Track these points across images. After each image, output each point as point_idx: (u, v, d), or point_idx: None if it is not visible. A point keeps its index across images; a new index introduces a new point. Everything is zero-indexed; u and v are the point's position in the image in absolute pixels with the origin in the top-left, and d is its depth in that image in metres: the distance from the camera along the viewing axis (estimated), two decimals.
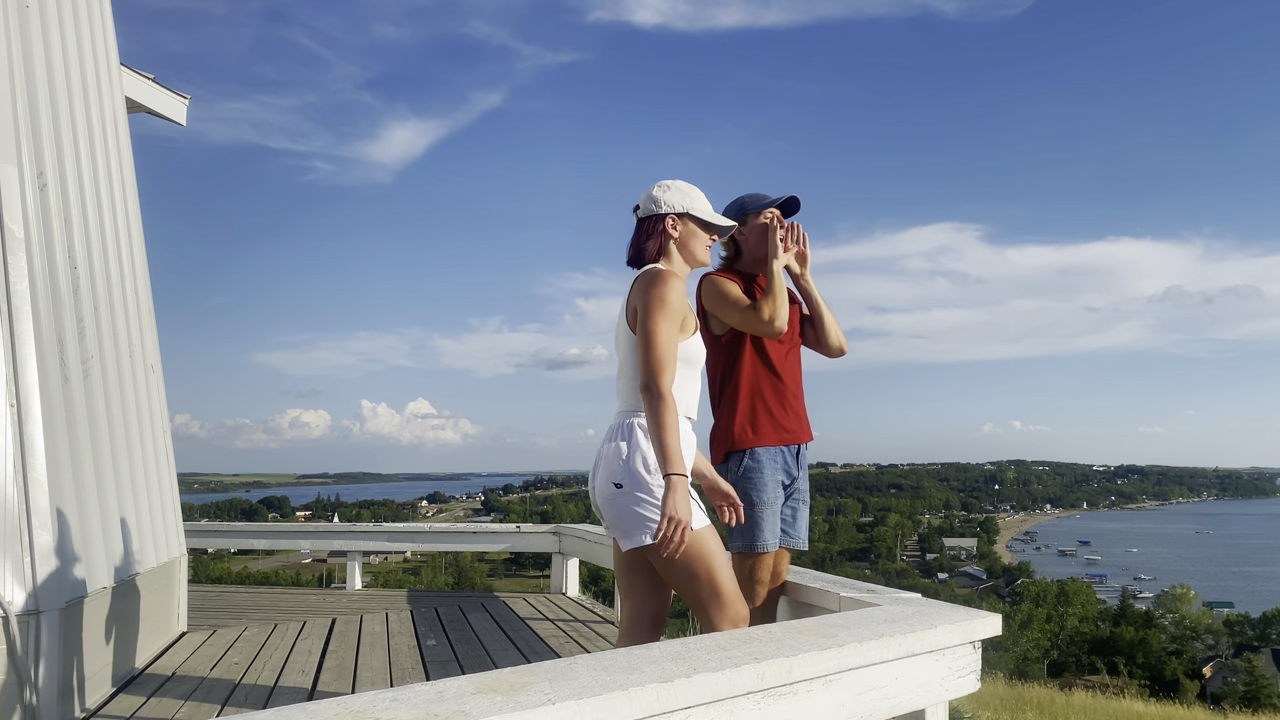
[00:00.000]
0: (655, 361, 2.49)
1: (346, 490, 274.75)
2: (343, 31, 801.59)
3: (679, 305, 2.56)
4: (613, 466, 2.57)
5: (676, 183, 2.75)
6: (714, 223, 2.75)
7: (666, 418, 2.45)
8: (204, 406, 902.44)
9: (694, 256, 2.75)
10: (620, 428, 2.61)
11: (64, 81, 4.44)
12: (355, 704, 1.47)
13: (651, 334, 2.51)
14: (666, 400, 2.46)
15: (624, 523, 2.55)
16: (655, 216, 2.73)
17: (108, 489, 4.34)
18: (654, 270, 2.63)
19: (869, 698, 2.11)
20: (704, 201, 2.76)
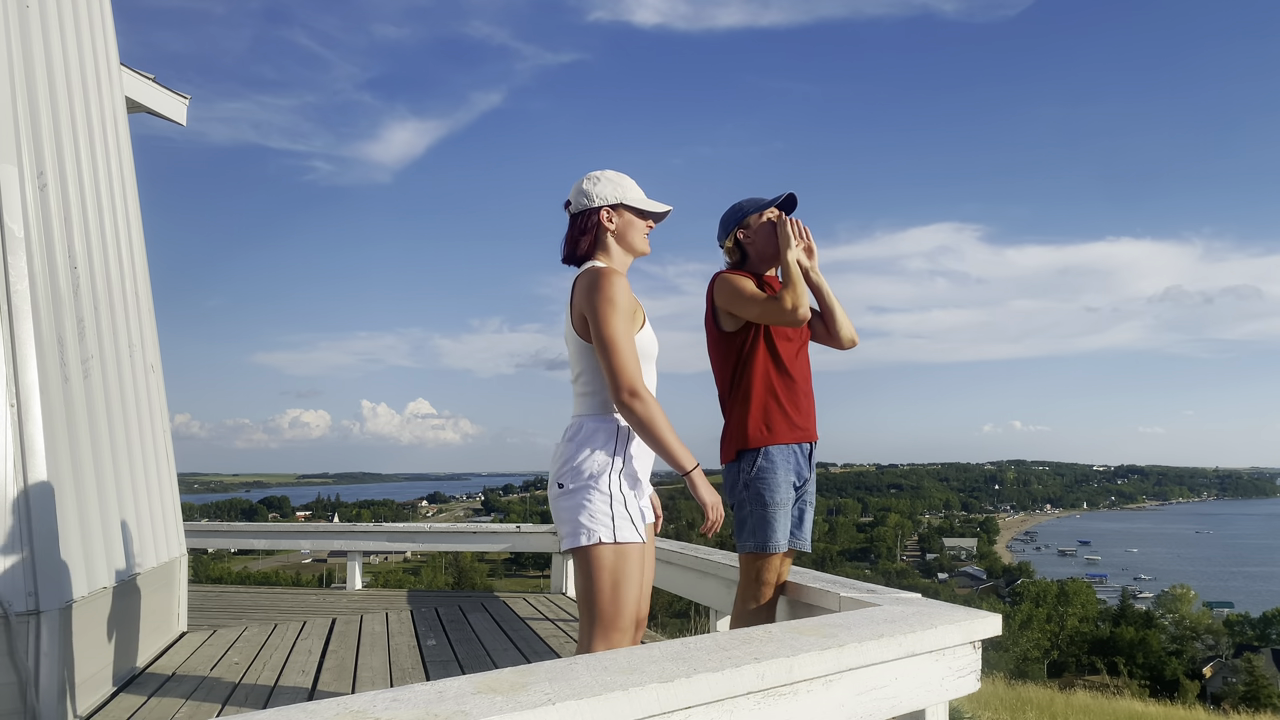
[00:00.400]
0: (626, 368, 2.43)
1: (346, 490, 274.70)
2: (343, 31, 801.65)
3: (627, 302, 2.50)
4: (559, 467, 2.55)
5: (606, 173, 2.67)
6: (649, 209, 2.67)
7: (660, 418, 2.43)
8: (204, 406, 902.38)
9: (633, 246, 2.67)
10: (570, 428, 2.58)
11: (64, 81, 4.43)
12: (355, 704, 1.47)
13: (611, 340, 2.44)
14: (651, 402, 2.44)
15: (561, 524, 2.53)
16: (588, 211, 2.64)
17: (108, 489, 4.33)
18: (594, 270, 2.55)
19: (869, 698, 2.11)
20: (636, 189, 2.67)
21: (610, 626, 2.48)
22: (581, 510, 2.48)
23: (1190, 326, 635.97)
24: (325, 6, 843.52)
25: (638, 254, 2.70)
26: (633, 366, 2.44)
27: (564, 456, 2.54)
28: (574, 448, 2.53)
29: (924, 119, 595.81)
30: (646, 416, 2.42)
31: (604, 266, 2.56)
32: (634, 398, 2.42)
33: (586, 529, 2.46)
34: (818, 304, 3.20)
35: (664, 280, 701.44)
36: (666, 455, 2.47)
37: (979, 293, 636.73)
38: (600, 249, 2.65)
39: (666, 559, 4.96)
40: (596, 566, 2.47)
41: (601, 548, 2.46)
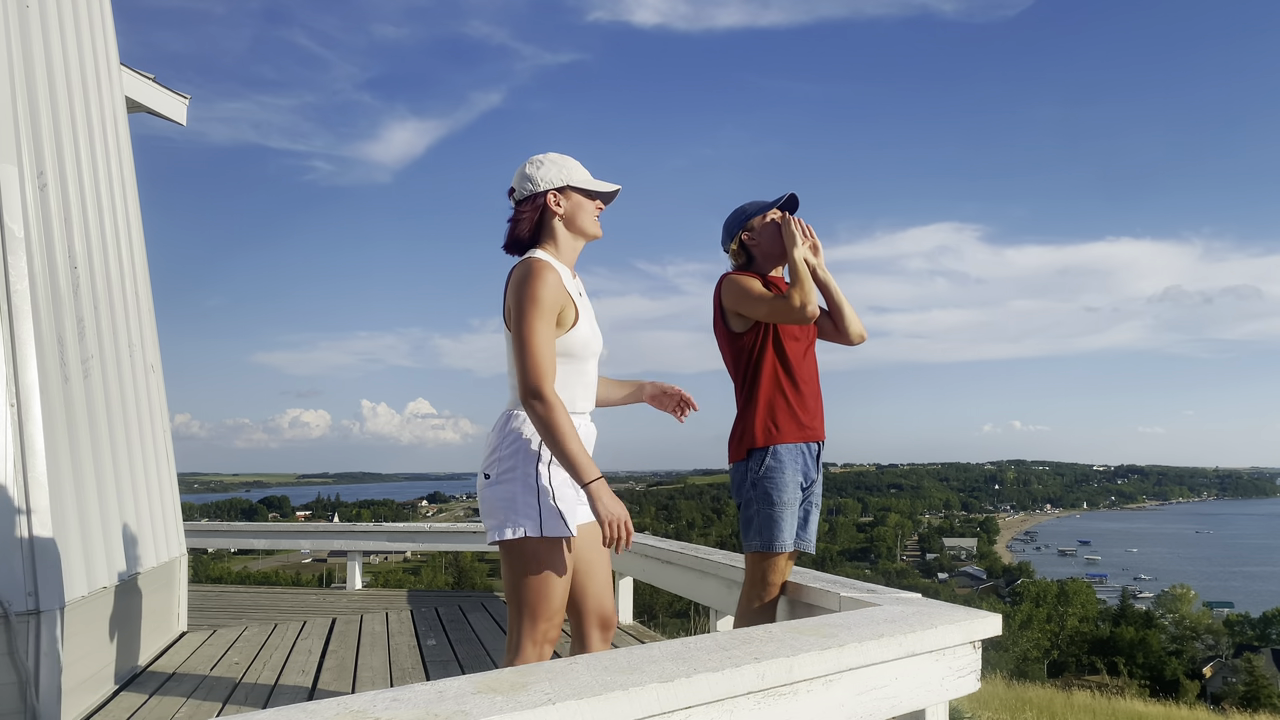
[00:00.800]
0: (534, 368, 2.32)
1: (346, 490, 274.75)
2: (342, 32, 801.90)
3: (552, 300, 2.37)
4: (485, 457, 2.48)
5: (549, 155, 2.54)
6: (598, 189, 2.54)
7: (561, 424, 2.30)
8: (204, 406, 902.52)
9: (583, 230, 2.55)
10: (500, 419, 2.50)
11: (64, 81, 4.43)
12: (355, 704, 1.47)
13: (527, 338, 2.34)
14: (555, 406, 2.31)
15: (487, 515, 2.45)
16: (533, 195, 2.51)
17: (108, 489, 4.34)
18: (527, 263, 2.42)
19: (869, 698, 2.11)
20: (582, 170, 2.54)
21: (537, 622, 2.42)
22: (507, 502, 2.40)
23: (1190, 326, 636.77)
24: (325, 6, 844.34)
25: (588, 237, 2.58)
26: (541, 367, 2.33)
27: (491, 447, 2.47)
28: (501, 438, 2.45)
29: (924, 119, 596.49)
30: (547, 419, 2.30)
31: (539, 259, 2.43)
32: (536, 399, 2.31)
33: (512, 521, 2.39)
34: (825, 301, 3.20)
35: (664, 280, 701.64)
36: (565, 463, 2.32)
37: (979, 293, 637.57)
38: (547, 235, 2.52)
39: (666, 559, 4.96)
40: (521, 560, 2.41)
41: (526, 541, 2.39)
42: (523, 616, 2.44)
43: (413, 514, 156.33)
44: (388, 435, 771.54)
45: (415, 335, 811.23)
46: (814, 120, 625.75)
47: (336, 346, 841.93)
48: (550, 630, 2.45)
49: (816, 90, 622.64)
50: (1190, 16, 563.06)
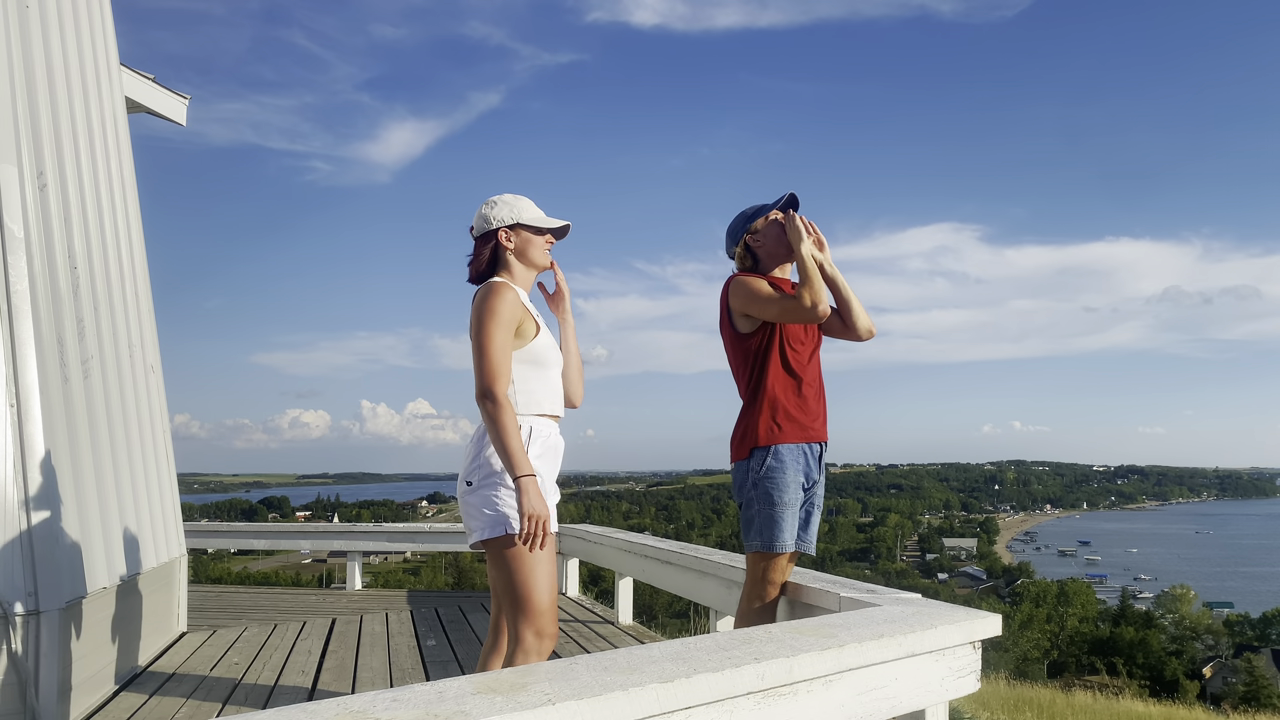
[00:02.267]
0: (488, 370, 2.60)
1: (346, 490, 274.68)
2: (341, 32, 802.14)
3: (509, 314, 2.67)
4: (466, 465, 2.73)
5: (503, 197, 2.87)
6: (544, 226, 2.86)
7: (506, 423, 2.56)
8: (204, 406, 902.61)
9: (533, 261, 2.86)
10: (478, 429, 2.74)
11: (64, 81, 4.44)
12: (355, 704, 1.48)
13: (482, 344, 2.62)
14: (503, 406, 2.57)
15: (469, 519, 2.70)
16: (488, 233, 2.84)
17: (108, 489, 4.34)
18: (486, 285, 2.75)
19: (869, 698, 2.11)
20: (532, 208, 2.87)
21: (536, 614, 2.63)
22: (491, 504, 2.64)
23: (1189, 327, 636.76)
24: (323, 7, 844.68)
25: (539, 268, 2.90)
26: (494, 370, 2.60)
27: (471, 455, 2.72)
28: (480, 447, 2.69)
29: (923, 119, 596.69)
30: (495, 417, 2.56)
31: (497, 281, 2.76)
32: (487, 399, 2.58)
33: (494, 522, 2.63)
34: (834, 297, 3.21)
35: (663, 280, 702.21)
36: (504, 458, 2.57)
37: (978, 293, 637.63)
38: (502, 267, 2.85)
39: (666, 559, 4.96)
40: (512, 557, 2.63)
41: (509, 538, 2.62)
42: (519, 612, 2.65)
43: (412, 514, 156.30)
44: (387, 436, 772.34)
45: (415, 335, 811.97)
46: (813, 120, 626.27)
47: (336, 347, 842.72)
48: (549, 624, 2.67)
49: (815, 90, 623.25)
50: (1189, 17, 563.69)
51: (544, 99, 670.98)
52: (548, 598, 2.65)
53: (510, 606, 2.66)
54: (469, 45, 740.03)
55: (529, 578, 2.62)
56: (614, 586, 6.40)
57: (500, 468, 2.63)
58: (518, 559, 2.62)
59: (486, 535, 2.65)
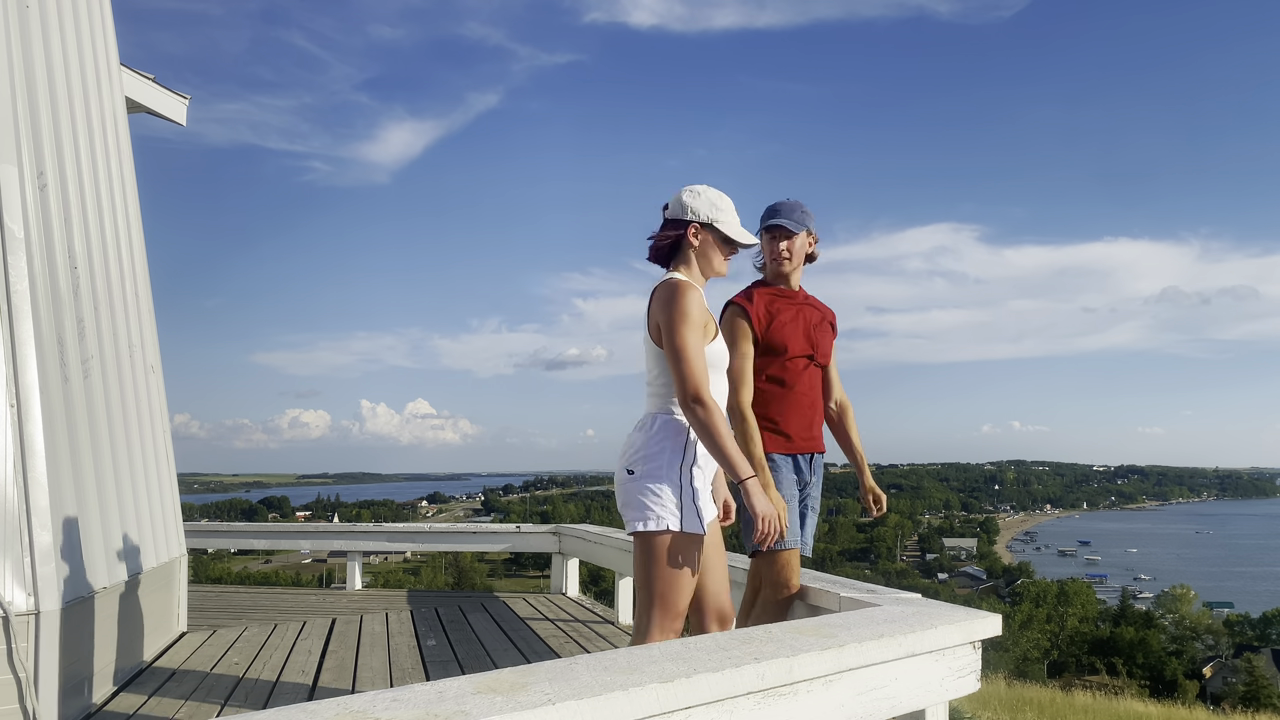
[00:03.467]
0: (692, 375, 2.55)
1: (346, 490, 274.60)
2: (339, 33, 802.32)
3: (699, 315, 2.62)
4: (629, 454, 2.68)
5: (708, 191, 2.75)
6: (735, 239, 2.76)
7: (719, 426, 2.53)
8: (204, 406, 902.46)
9: (710, 268, 2.78)
10: (646, 419, 2.71)
11: (64, 81, 4.44)
12: (355, 704, 1.48)
13: (681, 350, 2.57)
14: (712, 409, 2.54)
15: (628, 508, 2.65)
16: (679, 221, 2.75)
17: (108, 489, 4.34)
18: (671, 283, 2.68)
19: (869, 698, 2.11)
20: (731, 214, 2.75)
21: (669, 614, 2.60)
22: (649, 495, 2.60)
23: (1188, 327, 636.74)
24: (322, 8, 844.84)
25: (714, 274, 2.82)
26: (699, 374, 2.56)
27: (635, 445, 2.67)
28: (646, 437, 2.66)
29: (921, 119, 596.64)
30: (708, 422, 2.52)
31: (681, 279, 2.69)
32: (698, 404, 2.54)
33: (654, 514, 2.58)
34: None
35: None
36: (724, 461, 2.55)
37: (977, 293, 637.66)
38: (681, 260, 2.77)
39: None
40: (659, 553, 2.59)
41: (667, 535, 2.58)
42: (653, 607, 2.62)
43: (412, 514, 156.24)
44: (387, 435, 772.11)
45: (414, 335, 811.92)
46: (810, 121, 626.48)
47: (336, 347, 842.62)
48: (677, 623, 2.64)
49: (813, 91, 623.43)
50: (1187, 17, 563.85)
51: (542, 99, 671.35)
52: (683, 600, 2.62)
53: (645, 601, 2.62)
54: (467, 45, 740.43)
55: (674, 579, 2.60)
56: (614, 586, 6.40)
57: (664, 462, 2.61)
58: (665, 557, 2.59)
59: (640, 526, 2.60)
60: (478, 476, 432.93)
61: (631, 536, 2.66)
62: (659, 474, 2.61)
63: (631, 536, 2.66)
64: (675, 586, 2.60)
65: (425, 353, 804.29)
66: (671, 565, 2.59)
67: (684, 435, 2.66)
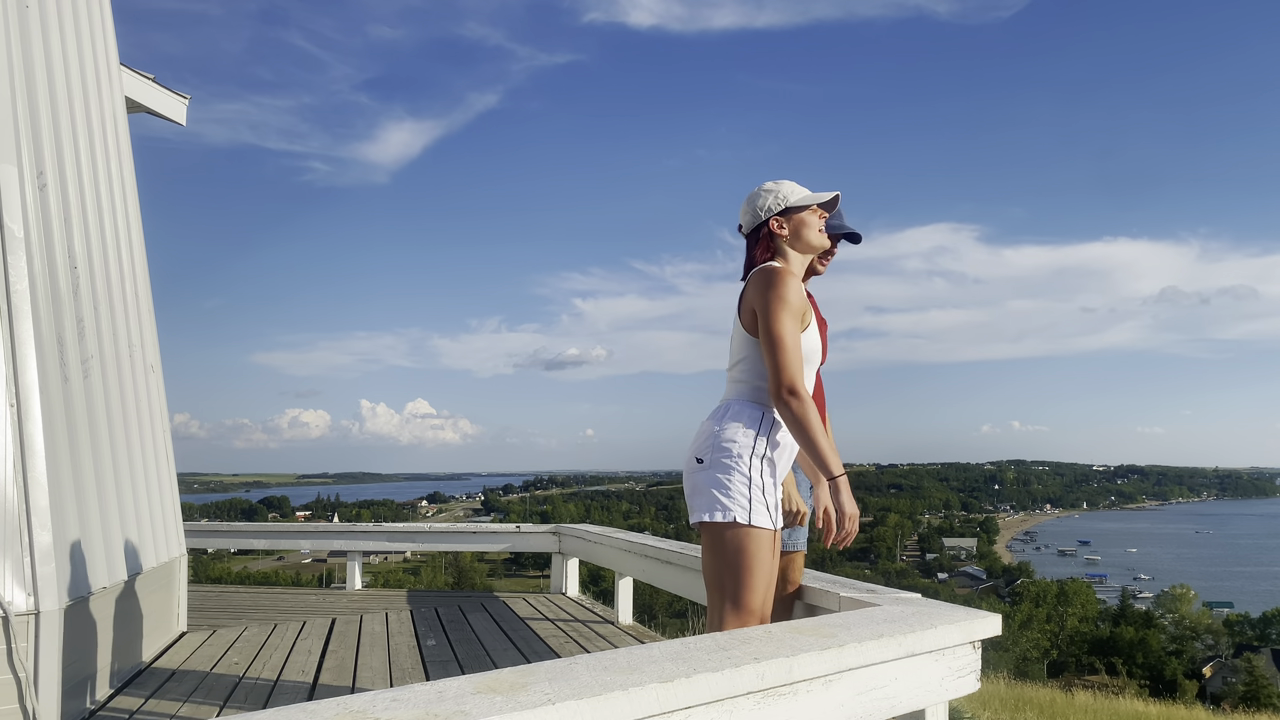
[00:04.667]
0: (787, 365, 2.46)
1: (346, 490, 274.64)
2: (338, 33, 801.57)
3: (798, 303, 2.54)
4: (700, 443, 2.59)
5: (764, 185, 2.73)
6: (815, 202, 2.69)
7: (813, 420, 2.44)
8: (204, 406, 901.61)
9: (810, 245, 2.71)
10: (720, 408, 2.62)
11: (64, 81, 4.44)
12: (355, 704, 1.48)
13: (778, 337, 2.48)
14: (806, 402, 2.45)
15: (695, 496, 2.56)
16: (759, 226, 2.70)
17: (108, 489, 4.34)
18: (769, 269, 2.59)
19: (869, 698, 2.11)
20: (796, 188, 2.71)
21: (744, 609, 2.49)
22: (719, 486, 2.50)
23: (1188, 327, 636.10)
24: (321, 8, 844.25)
25: (816, 250, 2.73)
26: (795, 364, 2.47)
27: (707, 434, 2.57)
28: (719, 426, 2.56)
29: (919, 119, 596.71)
30: (802, 415, 2.43)
31: (778, 265, 2.61)
32: (793, 396, 2.45)
33: (722, 505, 2.49)
34: None
35: (661, 280, 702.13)
36: (815, 457, 2.46)
37: (976, 293, 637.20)
38: (778, 256, 2.69)
39: (666, 559, 4.96)
40: (727, 546, 2.49)
41: (736, 528, 2.48)
42: (725, 604, 2.51)
43: (412, 514, 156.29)
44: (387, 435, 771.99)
45: (414, 335, 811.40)
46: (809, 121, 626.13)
47: (335, 347, 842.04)
48: (751, 621, 2.50)
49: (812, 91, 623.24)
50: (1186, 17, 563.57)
51: (541, 99, 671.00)
52: (763, 598, 2.50)
53: (718, 598, 2.51)
54: (466, 46, 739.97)
55: (750, 574, 2.47)
56: (614, 586, 6.40)
57: (736, 453, 2.50)
58: (728, 548, 2.48)
59: (710, 517, 2.50)
60: (478, 476, 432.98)
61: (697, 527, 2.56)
62: (729, 464, 2.50)
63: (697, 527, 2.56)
64: (745, 584, 2.48)
65: (425, 353, 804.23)
66: (739, 560, 2.47)
67: (757, 425, 2.55)
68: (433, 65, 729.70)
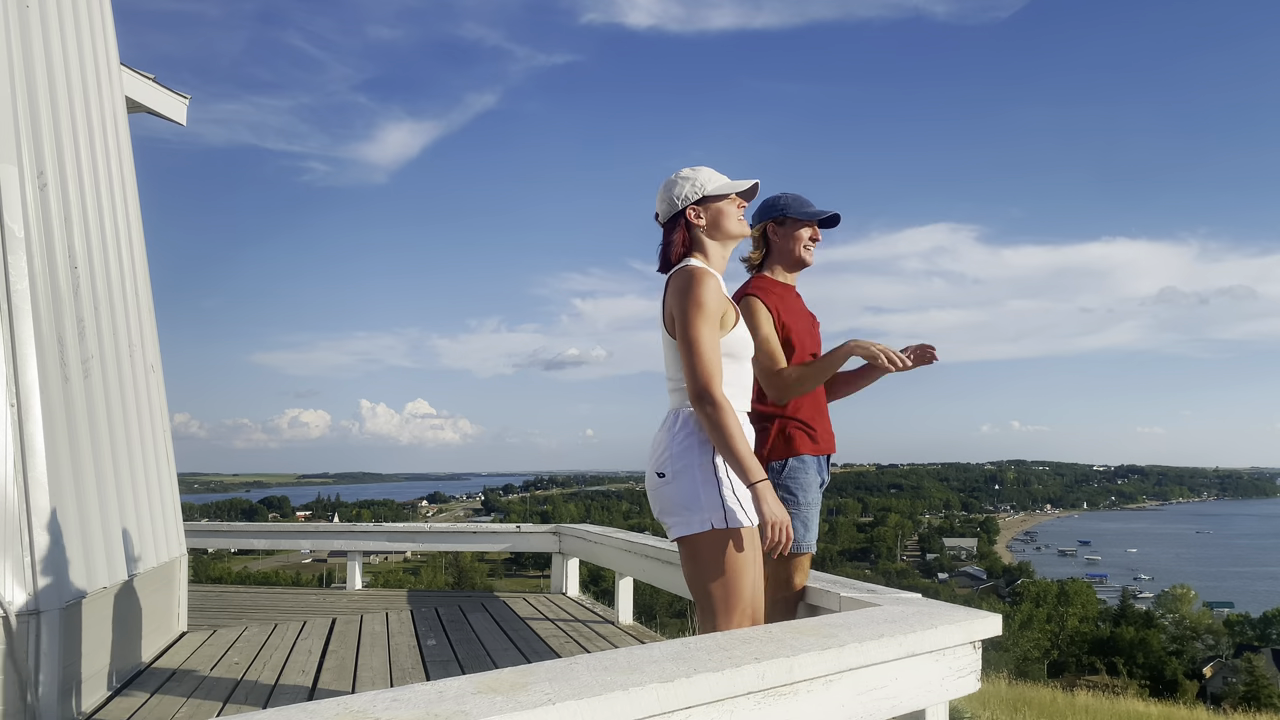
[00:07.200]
0: (703, 371, 2.41)
1: (346, 490, 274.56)
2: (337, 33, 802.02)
3: (716, 305, 2.47)
4: (657, 456, 2.54)
5: (680, 172, 2.65)
6: (733, 191, 2.62)
7: (729, 426, 2.39)
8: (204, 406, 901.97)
9: (729, 233, 2.63)
10: (669, 417, 2.57)
11: (64, 81, 4.43)
12: (355, 704, 1.47)
13: (692, 341, 2.43)
14: (723, 408, 2.40)
15: (666, 513, 2.51)
16: (675, 215, 2.63)
17: (108, 489, 4.33)
18: (685, 271, 2.53)
19: (869, 698, 2.11)
20: (714, 176, 2.64)
21: (735, 611, 2.45)
22: (688, 496, 2.45)
23: (1187, 327, 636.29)
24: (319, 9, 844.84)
25: (735, 238, 2.66)
26: (710, 369, 2.42)
27: (663, 445, 2.53)
28: (671, 436, 2.51)
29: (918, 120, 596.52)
30: (716, 421, 2.39)
31: (697, 266, 2.54)
32: (707, 402, 2.40)
33: (697, 515, 2.44)
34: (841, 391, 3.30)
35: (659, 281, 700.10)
36: (732, 462, 2.41)
37: (976, 293, 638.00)
38: (696, 248, 2.62)
39: (666, 559, 4.96)
40: (709, 555, 2.44)
41: (714, 534, 2.43)
42: (718, 613, 2.45)
43: (413, 514, 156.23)
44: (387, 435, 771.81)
45: (413, 335, 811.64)
46: (808, 121, 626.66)
47: (335, 347, 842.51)
48: (747, 623, 2.46)
49: (810, 91, 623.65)
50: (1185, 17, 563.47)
51: (540, 100, 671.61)
52: (753, 598, 2.47)
53: (708, 607, 2.46)
54: (464, 46, 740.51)
55: (737, 578, 2.43)
56: (614, 586, 6.40)
57: (695, 459, 2.45)
58: (714, 556, 2.43)
59: (689, 530, 2.45)
60: (478, 476, 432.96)
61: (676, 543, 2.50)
62: (691, 472, 2.46)
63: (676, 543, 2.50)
64: (734, 588, 2.43)
65: (424, 353, 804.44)
66: (725, 565, 2.43)
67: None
68: (431, 65, 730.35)
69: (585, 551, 7.13)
